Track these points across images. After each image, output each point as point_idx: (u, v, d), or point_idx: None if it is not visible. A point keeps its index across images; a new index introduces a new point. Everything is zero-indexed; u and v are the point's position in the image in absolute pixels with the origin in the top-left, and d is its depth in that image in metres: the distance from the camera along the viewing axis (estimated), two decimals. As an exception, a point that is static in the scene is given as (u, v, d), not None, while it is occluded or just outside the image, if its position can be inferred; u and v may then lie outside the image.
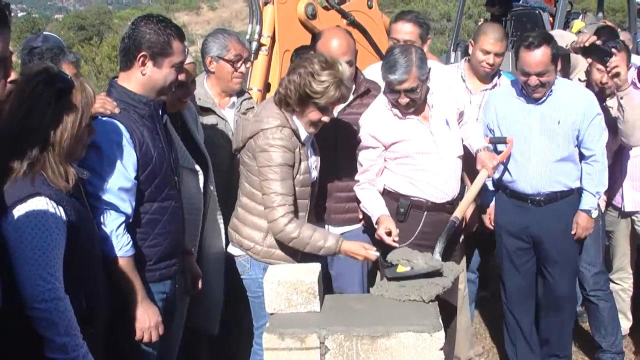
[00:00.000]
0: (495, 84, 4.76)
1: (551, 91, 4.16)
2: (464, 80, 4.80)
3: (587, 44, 4.28)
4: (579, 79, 4.75)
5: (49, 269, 2.44)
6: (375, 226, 3.86)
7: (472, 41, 4.79)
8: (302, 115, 3.52)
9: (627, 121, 4.27)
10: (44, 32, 4.32)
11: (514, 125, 4.27)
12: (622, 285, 5.01)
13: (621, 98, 4.23)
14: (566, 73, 4.98)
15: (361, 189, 4.05)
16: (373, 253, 3.53)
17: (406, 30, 4.57)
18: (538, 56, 3.99)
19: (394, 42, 4.56)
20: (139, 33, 3.01)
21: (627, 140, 4.41)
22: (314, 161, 3.76)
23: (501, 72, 4.88)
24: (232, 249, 3.79)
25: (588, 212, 4.23)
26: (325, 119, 3.54)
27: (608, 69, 4.20)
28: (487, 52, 4.61)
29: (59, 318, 2.44)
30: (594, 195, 4.23)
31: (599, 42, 4.32)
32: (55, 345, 2.44)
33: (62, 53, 3.62)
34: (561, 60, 4.33)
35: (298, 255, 3.60)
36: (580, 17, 9.03)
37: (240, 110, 4.24)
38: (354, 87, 4.13)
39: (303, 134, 3.56)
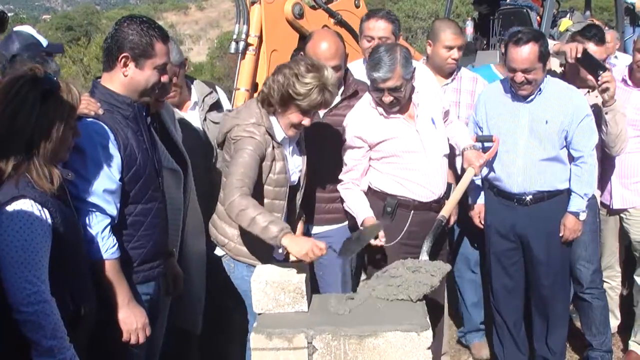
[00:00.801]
0: (455, 78, 4.78)
1: (540, 90, 4.15)
2: None
3: (579, 55, 4.28)
4: (554, 71, 4.75)
5: (35, 271, 2.43)
6: (360, 227, 3.86)
7: (429, 41, 4.78)
8: (282, 116, 3.49)
9: (611, 134, 4.32)
10: (15, 29, 4.20)
11: (502, 123, 4.26)
12: (610, 283, 5.01)
13: (606, 113, 4.25)
14: None
15: (345, 188, 4.03)
16: (321, 249, 3.16)
17: (380, 27, 4.58)
18: (525, 52, 3.99)
19: (368, 40, 4.58)
20: (122, 34, 2.99)
21: (610, 151, 4.47)
22: (298, 165, 3.72)
23: (461, 66, 4.91)
24: (217, 250, 3.77)
25: (576, 214, 4.20)
26: (306, 122, 3.50)
27: (599, 82, 4.19)
28: (451, 48, 4.63)
29: (46, 321, 2.43)
30: (582, 197, 4.19)
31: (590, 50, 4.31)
32: (42, 348, 2.43)
33: (44, 62, 3.55)
34: None
35: (267, 258, 3.52)
36: (568, 15, 9.07)
37: (203, 109, 4.20)
38: (342, 88, 4.13)
39: (280, 135, 3.53)
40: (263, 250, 3.50)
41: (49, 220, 2.52)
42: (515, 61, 4.02)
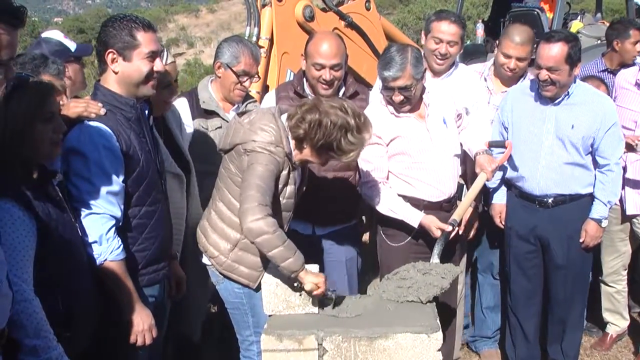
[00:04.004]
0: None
1: (568, 94, 4.09)
2: (485, 80, 4.68)
3: None
4: None
5: (15, 271, 2.39)
6: (418, 227, 3.90)
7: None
8: (304, 154, 3.31)
9: None
10: (43, 35, 4.23)
11: (528, 123, 4.20)
12: (616, 287, 5.01)
13: None
14: None
15: (380, 190, 3.95)
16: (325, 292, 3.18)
17: (451, 32, 4.43)
18: (552, 50, 3.94)
19: (436, 42, 4.44)
20: (105, 33, 2.99)
21: None
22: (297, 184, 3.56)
23: (526, 74, 4.72)
24: (204, 259, 3.59)
25: (598, 221, 4.17)
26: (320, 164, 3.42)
27: None
28: (508, 57, 4.46)
29: (27, 320, 2.38)
30: (605, 205, 4.16)
31: None
32: (25, 347, 2.39)
33: (44, 65, 3.52)
34: None
35: (260, 276, 3.37)
36: (579, 17, 9.06)
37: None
38: (343, 89, 4.13)
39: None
40: (256, 269, 3.39)
41: (32, 220, 2.48)
42: (541, 57, 3.98)
